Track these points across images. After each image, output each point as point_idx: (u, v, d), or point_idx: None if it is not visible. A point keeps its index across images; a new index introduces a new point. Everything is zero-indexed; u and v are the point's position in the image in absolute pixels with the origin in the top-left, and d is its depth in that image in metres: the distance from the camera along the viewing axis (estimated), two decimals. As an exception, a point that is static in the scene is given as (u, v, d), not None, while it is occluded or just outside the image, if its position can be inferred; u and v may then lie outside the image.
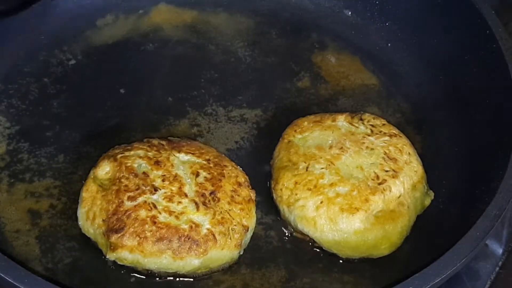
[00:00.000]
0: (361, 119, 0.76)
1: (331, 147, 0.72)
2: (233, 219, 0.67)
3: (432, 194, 0.73)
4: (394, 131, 0.75)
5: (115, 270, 0.66)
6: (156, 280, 0.66)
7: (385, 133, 0.74)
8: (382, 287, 0.64)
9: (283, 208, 0.70)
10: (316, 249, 0.70)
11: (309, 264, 0.69)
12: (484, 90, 0.76)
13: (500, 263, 0.74)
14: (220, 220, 0.67)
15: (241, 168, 0.73)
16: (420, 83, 0.87)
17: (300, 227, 0.69)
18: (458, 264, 0.57)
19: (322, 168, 0.70)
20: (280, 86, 0.86)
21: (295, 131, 0.75)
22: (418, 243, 0.70)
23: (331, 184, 0.69)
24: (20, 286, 0.53)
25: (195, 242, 0.65)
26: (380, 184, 0.69)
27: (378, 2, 0.92)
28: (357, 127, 0.75)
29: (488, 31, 0.76)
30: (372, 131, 0.74)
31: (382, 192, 0.68)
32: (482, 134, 0.75)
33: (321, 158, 0.71)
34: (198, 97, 0.84)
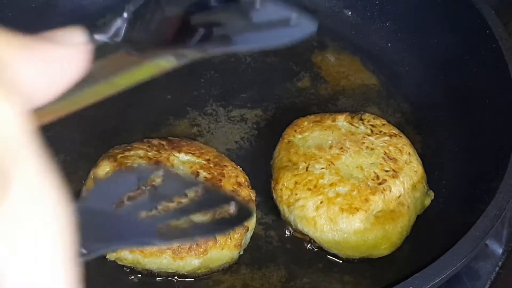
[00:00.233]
0: (361, 119, 0.76)
1: (331, 147, 0.72)
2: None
3: (432, 194, 0.73)
4: (394, 131, 0.75)
5: (115, 270, 0.66)
6: (156, 280, 0.66)
7: (385, 133, 0.74)
8: (382, 287, 0.64)
9: (283, 208, 0.70)
10: (316, 249, 0.70)
11: (309, 264, 0.69)
12: (484, 90, 0.76)
13: (500, 263, 0.74)
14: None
15: (241, 168, 0.73)
16: (420, 83, 0.87)
17: (300, 227, 0.69)
18: (458, 264, 0.57)
19: (322, 168, 0.70)
20: (280, 86, 0.86)
21: (295, 131, 0.75)
22: (418, 243, 0.70)
23: (331, 184, 0.69)
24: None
25: (195, 242, 0.65)
26: (380, 184, 0.69)
27: (378, 2, 0.92)
28: (357, 127, 0.75)
29: (488, 31, 0.76)
30: (372, 131, 0.74)
31: (382, 192, 0.68)
32: (482, 134, 0.75)
33: (321, 158, 0.71)
34: (198, 97, 0.84)
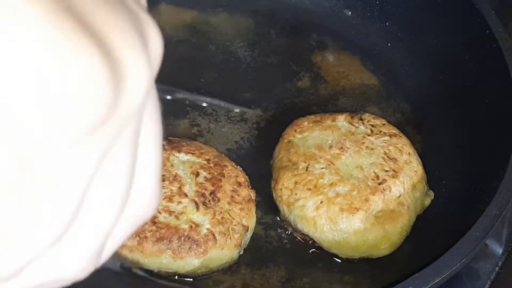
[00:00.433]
0: (361, 119, 0.76)
1: (331, 147, 0.72)
2: (233, 219, 0.67)
3: (432, 194, 0.73)
4: (394, 131, 0.75)
5: (115, 270, 0.66)
6: (156, 280, 0.66)
7: (385, 133, 0.74)
8: (382, 287, 0.64)
9: (283, 208, 0.70)
10: (316, 249, 0.70)
11: (309, 264, 0.69)
12: (484, 90, 0.76)
13: (500, 263, 0.74)
14: (220, 220, 0.67)
15: (241, 168, 0.73)
16: (420, 83, 0.87)
17: (300, 227, 0.69)
18: (458, 264, 0.57)
19: (322, 168, 0.70)
20: (280, 86, 0.86)
21: (295, 131, 0.75)
22: (418, 243, 0.70)
23: (331, 184, 0.69)
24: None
25: (195, 242, 0.65)
26: (380, 184, 0.69)
27: (378, 2, 0.92)
28: (357, 127, 0.75)
29: (488, 31, 0.76)
30: (372, 131, 0.74)
31: (382, 192, 0.68)
32: (482, 134, 0.75)
33: (321, 158, 0.71)
34: (198, 97, 0.84)
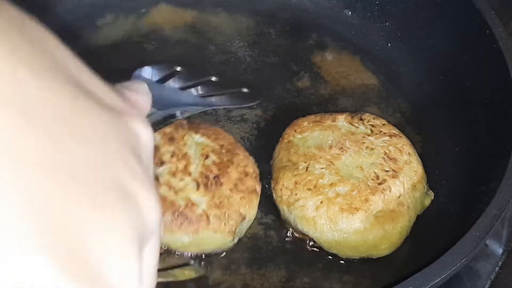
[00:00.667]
0: (361, 119, 0.76)
1: (331, 147, 0.72)
2: (231, 205, 0.67)
3: (432, 194, 0.73)
4: (394, 131, 0.75)
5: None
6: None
7: (385, 133, 0.74)
8: (382, 287, 0.64)
9: (283, 208, 0.70)
10: (316, 249, 0.70)
11: (309, 264, 0.69)
12: (484, 90, 0.76)
13: (500, 263, 0.74)
14: (218, 204, 0.67)
15: (254, 160, 0.72)
16: (420, 83, 0.87)
17: (300, 227, 0.69)
18: (458, 264, 0.57)
19: (322, 168, 0.70)
20: (280, 86, 0.86)
21: (295, 131, 0.75)
22: (418, 243, 0.70)
23: (331, 184, 0.69)
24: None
25: (188, 220, 0.65)
26: (380, 184, 0.69)
27: (378, 2, 0.92)
28: (357, 127, 0.75)
29: (488, 31, 0.76)
30: (372, 131, 0.74)
31: (382, 192, 0.68)
32: (482, 134, 0.75)
33: (321, 158, 0.71)
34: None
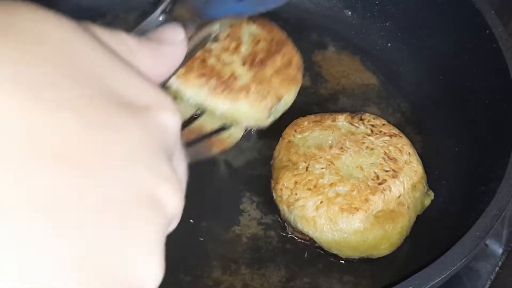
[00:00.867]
0: (361, 119, 0.76)
1: (331, 147, 0.72)
2: (271, 86, 0.75)
3: (432, 194, 0.73)
4: (394, 131, 0.75)
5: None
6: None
7: (385, 133, 0.74)
8: (382, 287, 0.64)
9: (283, 208, 0.70)
10: (316, 249, 0.70)
11: (309, 264, 0.69)
12: (484, 90, 0.76)
13: (500, 263, 0.74)
14: (259, 82, 0.75)
15: (301, 55, 0.79)
16: (420, 83, 0.87)
17: (300, 227, 0.69)
18: (458, 264, 0.57)
19: (322, 168, 0.70)
20: (280, 86, 0.86)
21: (295, 131, 0.75)
22: (418, 243, 0.70)
23: (331, 184, 0.69)
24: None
25: (229, 88, 0.73)
26: (380, 184, 0.69)
27: (378, 2, 0.92)
28: (357, 127, 0.75)
29: (488, 31, 0.76)
30: (372, 131, 0.74)
31: (382, 192, 0.68)
32: (482, 134, 0.75)
33: (321, 158, 0.71)
34: (198, 97, 0.84)
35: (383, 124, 0.76)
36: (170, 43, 0.34)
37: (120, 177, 0.24)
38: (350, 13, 0.95)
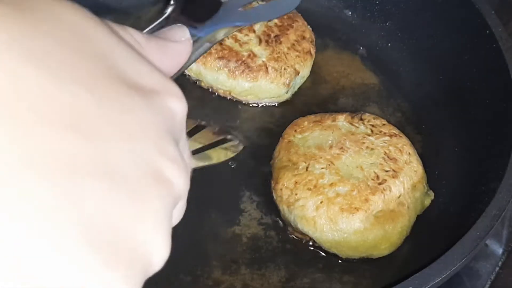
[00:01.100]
0: (361, 119, 0.76)
1: (331, 147, 0.72)
2: (287, 61, 0.79)
3: (432, 194, 0.73)
4: (394, 131, 0.75)
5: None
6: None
7: (385, 133, 0.74)
8: (382, 287, 0.64)
9: (283, 208, 0.70)
10: (316, 249, 0.70)
11: (309, 264, 0.69)
12: (484, 90, 0.76)
13: (500, 263, 0.74)
14: (276, 58, 0.78)
15: (311, 28, 0.84)
16: (420, 83, 0.87)
17: (300, 227, 0.69)
18: (458, 264, 0.57)
19: (322, 168, 0.70)
20: (280, 86, 0.86)
21: (295, 131, 0.75)
22: (418, 243, 0.70)
23: (331, 184, 0.69)
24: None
25: (249, 68, 0.77)
26: (380, 184, 0.69)
27: (378, 2, 0.92)
28: (357, 127, 0.75)
29: (488, 31, 0.76)
30: (372, 131, 0.74)
31: (382, 192, 0.68)
32: (482, 134, 0.75)
33: (321, 158, 0.71)
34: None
35: (383, 124, 0.76)
36: (176, 41, 0.36)
37: (130, 151, 0.25)
38: (350, 13, 0.95)
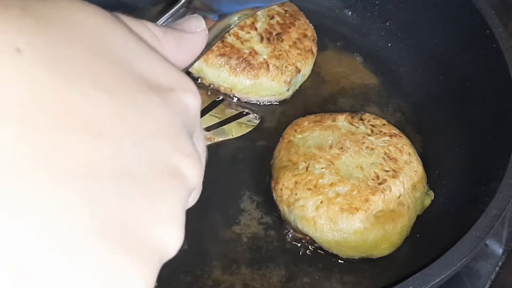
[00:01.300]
0: (361, 119, 0.76)
1: (331, 147, 0.72)
2: (289, 58, 0.80)
3: (432, 194, 0.73)
4: (394, 131, 0.75)
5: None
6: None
7: (385, 133, 0.74)
8: (382, 287, 0.64)
9: (283, 208, 0.70)
10: (316, 249, 0.70)
11: (309, 264, 0.69)
12: (484, 90, 0.76)
13: (500, 263, 0.74)
14: (277, 56, 0.79)
15: (313, 27, 0.85)
16: (420, 83, 0.87)
17: (300, 227, 0.69)
18: (458, 264, 0.57)
19: (322, 168, 0.70)
20: (280, 86, 0.86)
21: (295, 131, 0.75)
22: (418, 243, 0.70)
23: (331, 184, 0.69)
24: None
25: (250, 65, 0.78)
26: (380, 184, 0.69)
27: (378, 2, 0.92)
28: (357, 127, 0.75)
29: (488, 31, 0.76)
30: (372, 131, 0.74)
31: (382, 192, 0.68)
32: (482, 134, 0.75)
33: (321, 158, 0.71)
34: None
35: (383, 124, 0.76)
36: (192, 32, 0.37)
37: (145, 150, 0.26)
38: (350, 13, 0.95)
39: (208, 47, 0.41)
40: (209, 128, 0.76)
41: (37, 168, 0.22)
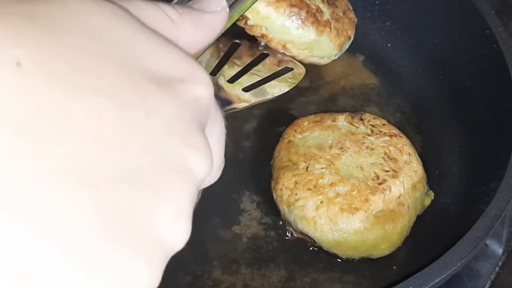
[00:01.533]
0: (361, 119, 0.76)
1: (331, 147, 0.72)
2: (343, 24, 0.82)
3: (432, 194, 0.73)
4: (394, 131, 0.75)
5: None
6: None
7: (385, 133, 0.74)
8: (382, 287, 0.64)
9: (283, 208, 0.70)
10: (316, 249, 0.70)
11: (309, 264, 0.69)
12: (484, 90, 0.76)
13: (500, 263, 0.74)
14: (337, 19, 0.82)
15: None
16: (420, 83, 0.87)
17: (300, 227, 0.69)
18: (458, 264, 0.57)
19: (322, 168, 0.70)
20: (280, 86, 0.86)
21: (295, 131, 0.75)
22: (418, 243, 0.70)
23: (331, 184, 0.69)
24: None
25: (318, 21, 0.78)
26: (380, 184, 0.69)
27: (378, 2, 0.92)
28: (357, 127, 0.75)
29: (488, 31, 0.76)
30: (372, 131, 0.74)
31: (382, 192, 0.68)
32: (482, 134, 0.75)
33: (321, 158, 0.71)
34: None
35: (383, 124, 0.76)
36: (212, 12, 0.35)
37: (152, 151, 0.26)
38: (350, 13, 0.94)
39: (225, 28, 0.38)
40: (248, 89, 0.75)
41: (37, 170, 0.22)
